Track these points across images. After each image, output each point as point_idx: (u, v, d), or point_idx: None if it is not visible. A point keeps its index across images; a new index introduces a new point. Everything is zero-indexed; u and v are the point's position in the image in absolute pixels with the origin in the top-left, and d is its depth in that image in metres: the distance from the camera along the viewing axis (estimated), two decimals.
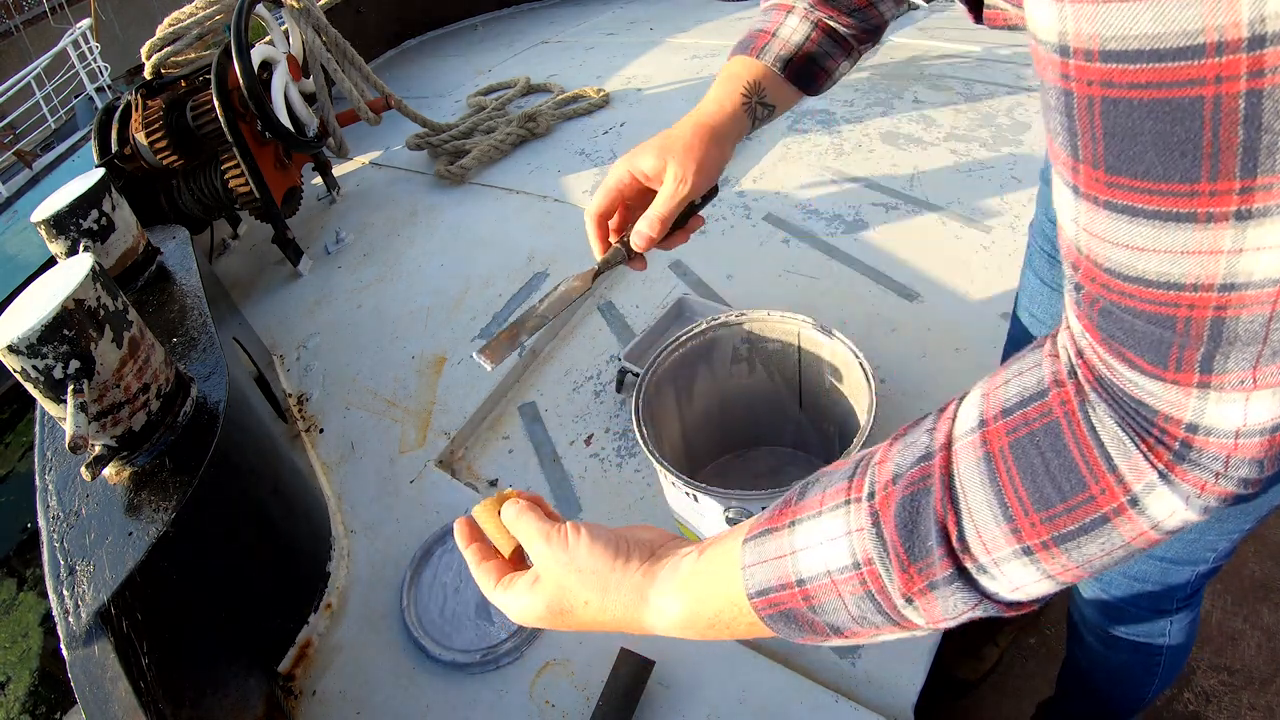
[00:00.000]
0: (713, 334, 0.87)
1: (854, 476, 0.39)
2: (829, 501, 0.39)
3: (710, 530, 0.77)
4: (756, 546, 0.42)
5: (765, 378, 0.92)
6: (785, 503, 0.43)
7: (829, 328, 0.81)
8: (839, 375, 0.83)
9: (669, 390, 0.87)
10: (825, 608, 0.39)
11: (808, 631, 0.40)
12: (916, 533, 0.35)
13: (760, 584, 0.41)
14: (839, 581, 0.38)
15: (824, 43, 0.73)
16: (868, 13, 0.74)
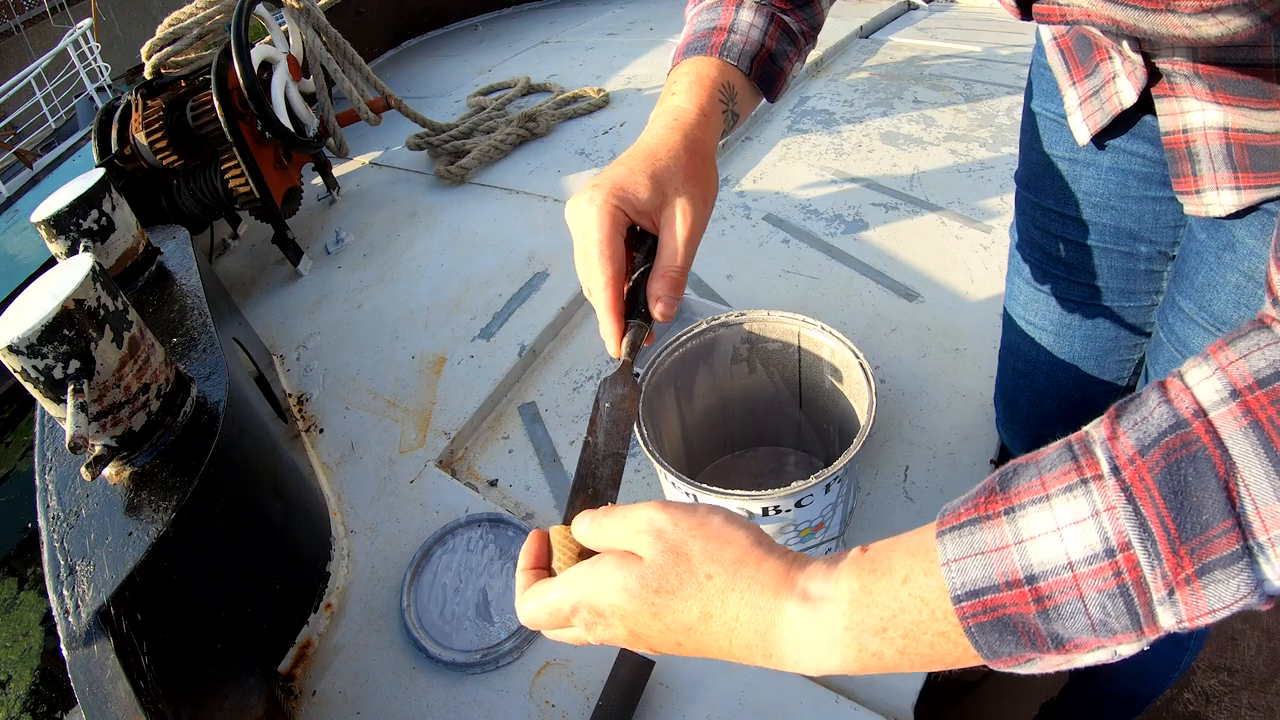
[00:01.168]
0: (713, 334, 0.87)
1: (1077, 458, 0.32)
2: (1055, 485, 0.32)
3: None
4: (961, 538, 0.33)
5: (765, 378, 0.92)
6: (986, 492, 0.34)
7: (829, 328, 0.81)
8: (839, 375, 0.83)
9: (669, 390, 0.87)
10: (1060, 611, 0.32)
11: (1023, 645, 0.32)
12: (1188, 505, 0.30)
13: (972, 582, 0.33)
14: (1083, 575, 0.31)
15: (781, 39, 0.64)
16: (813, 9, 0.68)
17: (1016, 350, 0.92)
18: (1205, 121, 0.59)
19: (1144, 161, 0.72)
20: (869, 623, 0.35)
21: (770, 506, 0.69)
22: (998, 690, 1.42)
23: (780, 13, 0.64)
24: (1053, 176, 0.81)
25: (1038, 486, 0.33)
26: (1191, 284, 0.68)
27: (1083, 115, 0.72)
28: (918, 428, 1.05)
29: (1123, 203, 0.76)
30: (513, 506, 1.06)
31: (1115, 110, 0.68)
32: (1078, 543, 0.31)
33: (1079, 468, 0.32)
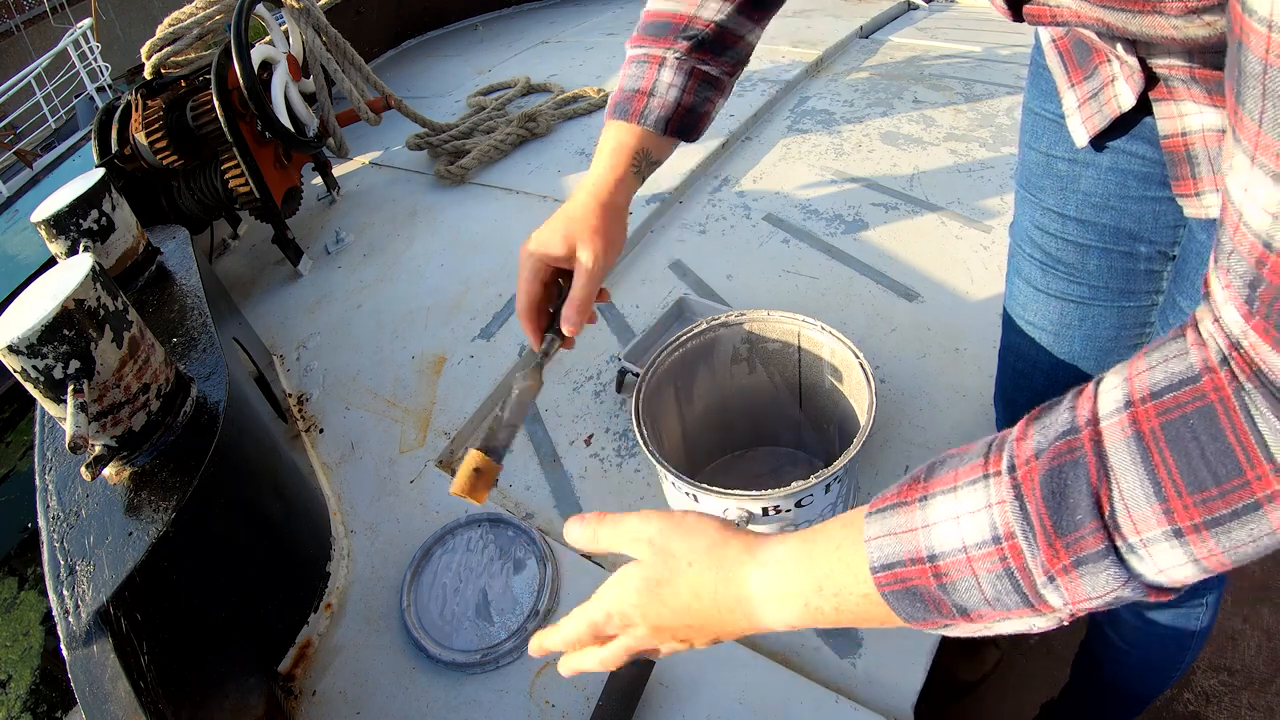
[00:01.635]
0: (713, 334, 0.87)
1: (989, 455, 0.38)
2: (964, 477, 0.38)
3: None
4: (882, 520, 0.40)
5: (765, 378, 0.92)
6: (912, 480, 0.41)
7: (829, 328, 0.81)
8: (839, 375, 0.83)
9: (669, 390, 0.87)
10: (957, 586, 0.37)
11: (931, 612, 0.39)
12: (1065, 505, 0.34)
13: (886, 557, 0.39)
14: (975, 558, 0.36)
15: (700, 90, 0.73)
16: (738, 49, 0.75)
17: (1016, 350, 0.92)
18: (1204, 124, 0.59)
19: (1144, 162, 0.73)
20: (808, 582, 0.42)
21: (770, 506, 0.69)
22: (998, 690, 1.43)
23: (700, 64, 0.73)
24: (1052, 176, 0.81)
25: (950, 478, 0.39)
26: (1191, 284, 0.68)
27: (1081, 118, 0.72)
28: (918, 428, 1.05)
29: (1122, 203, 0.76)
30: (513, 506, 1.06)
31: (1114, 113, 0.68)
32: (972, 529, 0.37)
33: (986, 464, 0.38)
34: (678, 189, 1.62)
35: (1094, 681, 1.13)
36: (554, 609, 0.90)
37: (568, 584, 0.92)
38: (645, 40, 0.73)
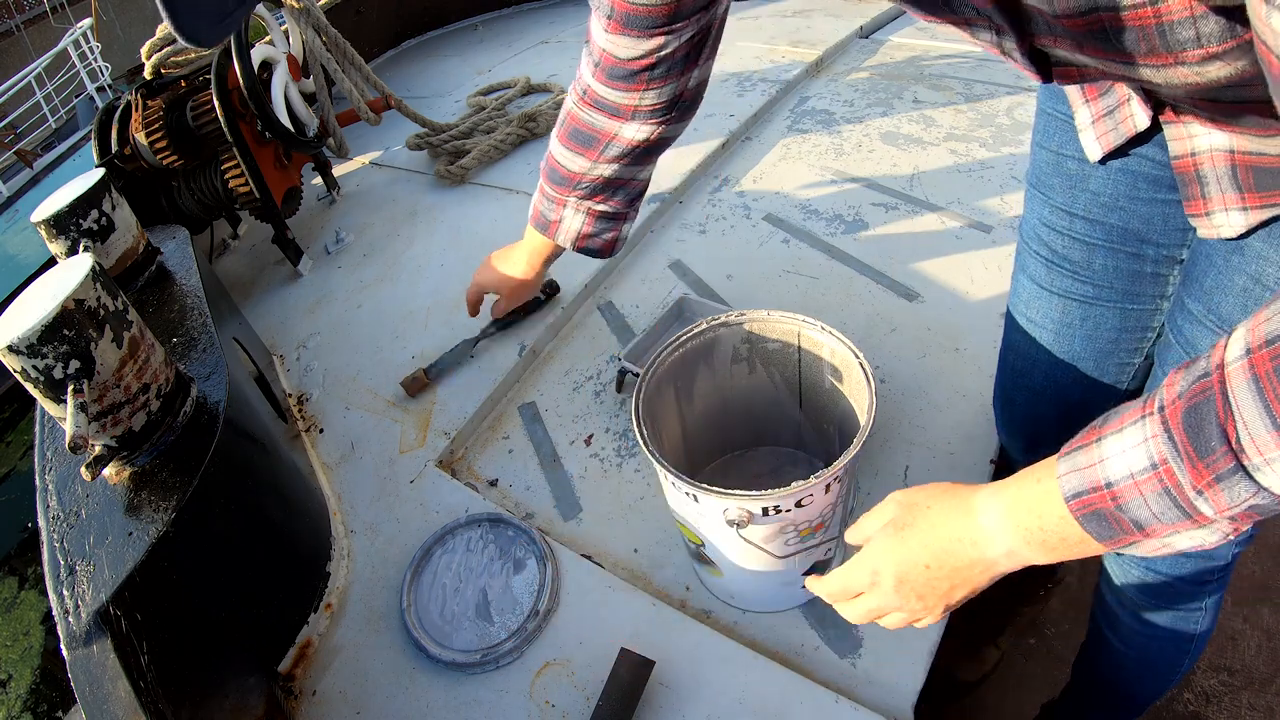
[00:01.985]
0: (713, 334, 0.86)
1: (1145, 400, 0.48)
2: (1127, 420, 0.48)
3: (710, 530, 0.76)
4: (1069, 459, 0.50)
5: (765, 378, 0.92)
6: (1092, 427, 0.51)
7: (829, 328, 0.81)
8: (839, 375, 0.83)
9: (669, 390, 0.87)
10: (1130, 506, 0.47)
11: (1114, 529, 0.48)
12: (1202, 434, 0.43)
13: (1074, 488, 0.49)
14: (1140, 482, 0.46)
15: (598, 224, 0.93)
16: (631, 187, 0.91)
17: (1016, 348, 0.92)
18: (1212, 144, 0.61)
19: (1154, 165, 0.72)
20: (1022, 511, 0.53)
21: (770, 507, 0.69)
22: (998, 690, 1.43)
23: (595, 205, 0.91)
24: (1062, 175, 0.81)
25: (1118, 422, 0.48)
26: (1200, 286, 0.68)
27: (1095, 134, 0.73)
28: (918, 428, 1.05)
29: (1131, 204, 0.76)
30: (513, 506, 1.06)
31: (1130, 132, 0.69)
32: (1135, 459, 0.46)
33: (1144, 407, 0.47)
34: (678, 189, 1.62)
35: (1093, 683, 1.13)
36: (554, 609, 0.90)
37: (568, 584, 0.92)
38: (549, 184, 0.92)
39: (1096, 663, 1.09)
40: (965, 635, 1.42)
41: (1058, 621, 1.51)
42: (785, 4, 2.63)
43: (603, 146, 0.86)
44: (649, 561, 0.96)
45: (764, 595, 0.86)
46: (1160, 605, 0.92)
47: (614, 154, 0.86)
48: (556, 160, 0.90)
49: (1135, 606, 0.95)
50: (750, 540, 0.74)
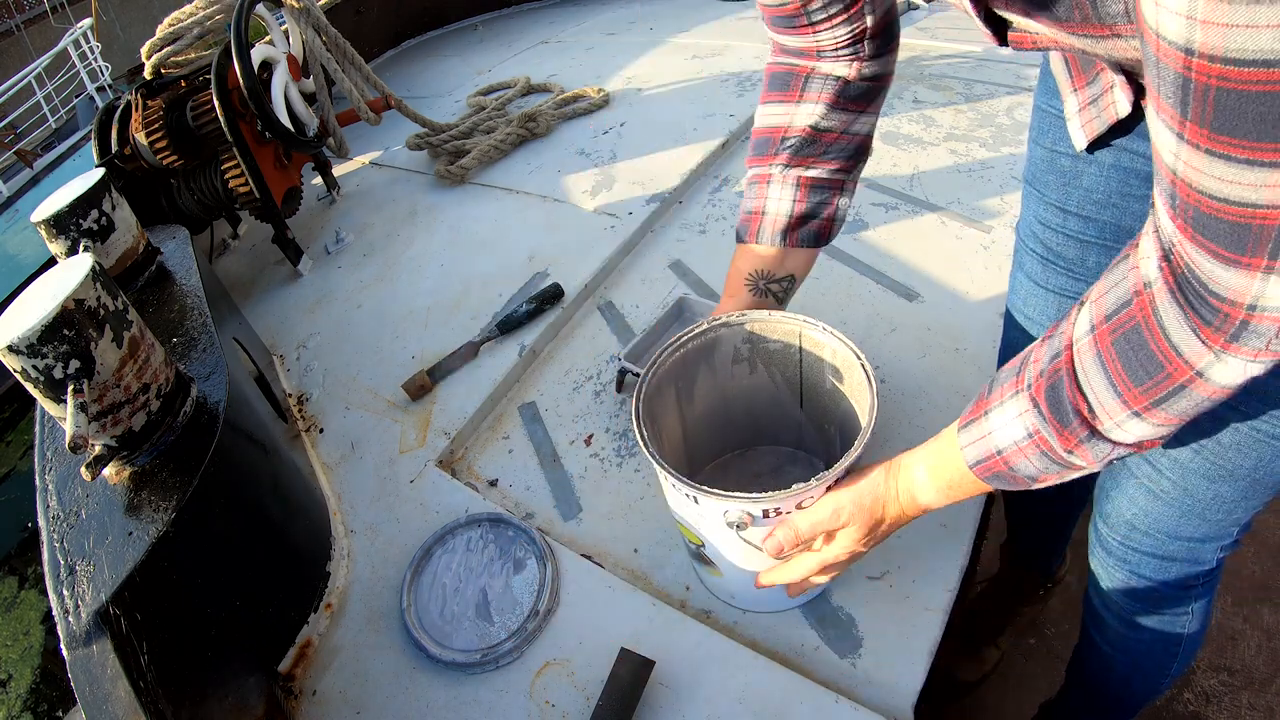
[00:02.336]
0: (714, 334, 0.86)
1: (1019, 373, 0.55)
2: (1005, 394, 0.56)
3: (710, 531, 0.76)
4: (967, 432, 0.60)
5: (766, 378, 0.92)
6: (980, 397, 0.59)
7: (830, 328, 0.80)
8: (840, 376, 0.83)
9: (669, 391, 0.87)
10: (1019, 467, 0.56)
11: (1013, 483, 0.59)
12: (1061, 409, 0.51)
13: (974, 458, 0.59)
14: (1023, 448, 0.55)
15: (813, 196, 0.78)
16: (841, 143, 0.77)
17: (1015, 347, 0.92)
18: None
19: (1146, 161, 0.73)
20: (943, 482, 0.64)
21: (770, 509, 0.69)
22: (998, 690, 1.43)
23: (805, 171, 0.77)
24: (1056, 172, 0.81)
25: (999, 394, 0.56)
26: None
27: (1080, 122, 0.73)
28: (918, 428, 1.05)
29: (1124, 201, 0.76)
30: (513, 506, 1.06)
31: (1112, 119, 0.69)
32: (1015, 430, 0.55)
33: (1016, 381, 0.55)
34: (678, 189, 1.62)
35: (1083, 685, 1.13)
36: (554, 609, 0.90)
37: (568, 584, 0.92)
38: (752, 160, 0.80)
39: (1085, 666, 1.09)
40: (965, 635, 1.42)
41: (1058, 621, 1.51)
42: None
43: (801, 83, 0.76)
44: (649, 561, 0.96)
45: (764, 595, 0.86)
46: (1146, 609, 0.92)
47: (815, 91, 0.75)
48: (758, 127, 0.80)
49: (1121, 610, 0.95)
50: (750, 542, 0.74)
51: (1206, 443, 0.72)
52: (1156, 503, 0.80)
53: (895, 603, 0.86)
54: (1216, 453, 0.72)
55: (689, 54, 2.30)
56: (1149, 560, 0.86)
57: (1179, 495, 0.78)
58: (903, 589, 0.87)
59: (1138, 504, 0.83)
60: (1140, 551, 0.86)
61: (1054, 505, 1.31)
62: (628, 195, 1.61)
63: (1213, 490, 0.75)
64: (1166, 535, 0.82)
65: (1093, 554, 0.95)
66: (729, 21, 2.55)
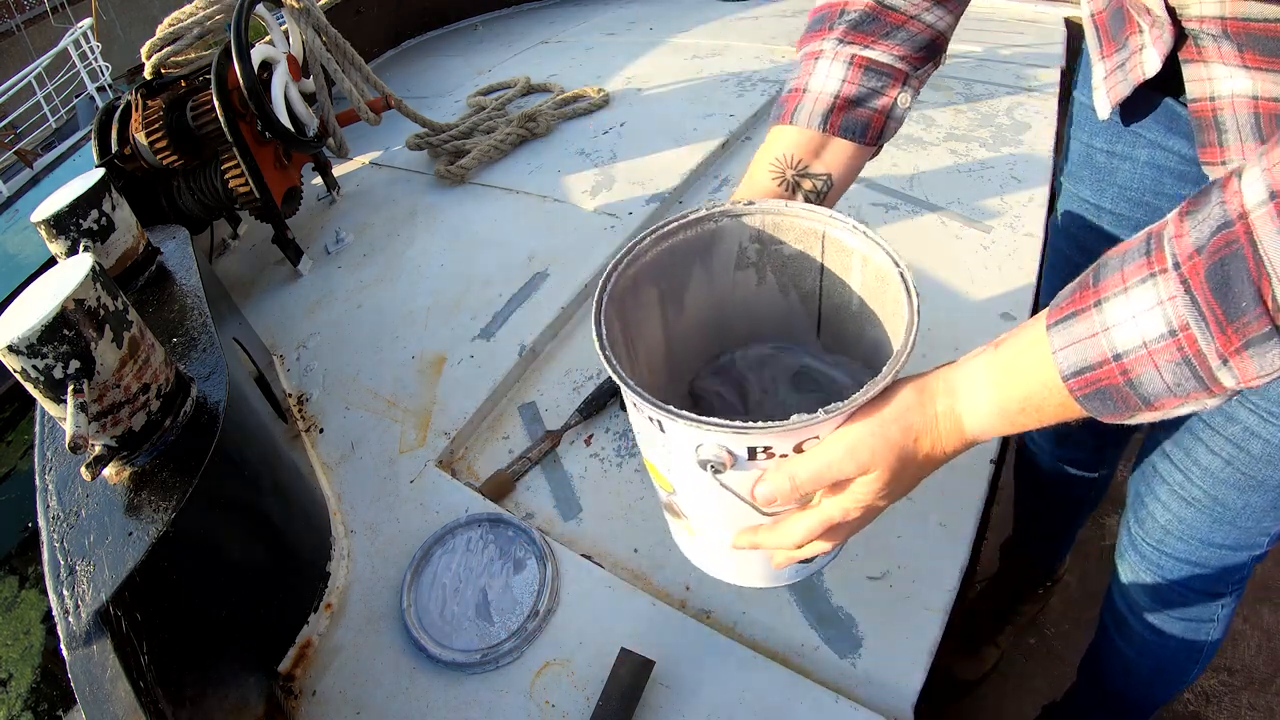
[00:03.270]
0: (714, 225, 0.65)
1: (1150, 253, 0.41)
2: (1132, 276, 0.41)
3: (679, 478, 0.59)
4: (1064, 330, 0.43)
5: (776, 290, 0.71)
6: (1081, 286, 0.43)
7: (863, 228, 0.62)
8: (871, 291, 0.64)
9: (650, 291, 0.66)
10: (1142, 380, 0.41)
11: (1119, 406, 0.42)
12: (1230, 294, 0.37)
13: (1075, 364, 0.43)
14: (1155, 351, 0.40)
15: (866, 79, 0.64)
16: (909, 29, 0.64)
17: None
18: (1234, 89, 0.57)
19: (1180, 159, 0.72)
20: (1012, 405, 0.46)
21: (759, 447, 0.51)
22: (998, 690, 1.43)
23: (862, 49, 0.63)
24: (1091, 168, 0.80)
25: (1119, 280, 0.41)
26: None
27: (1105, 87, 0.70)
28: None
29: (1157, 199, 0.76)
30: (513, 506, 1.06)
31: (1138, 79, 0.65)
32: (1149, 325, 0.40)
33: (1150, 262, 0.40)
34: (677, 189, 1.62)
35: (1100, 687, 1.12)
36: (554, 609, 0.90)
37: (568, 584, 0.92)
38: (804, 39, 0.66)
39: (1104, 667, 1.09)
40: (965, 635, 1.42)
41: (1058, 621, 1.51)
42: (785, 4, 2.63)
43: None
44: (649, 561, 0.96)
45: (747, 565, 0.67)
46: (1173, 615, 0.92)
47: None
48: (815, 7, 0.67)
49: (1147, 615, 0.94)
50: (731, 489, 0.54)
51: (1236, 453, 0.72)
52: (1189, 509, 0.81)
53: (895, 603, 0.86)
54: (1246, 463, 0.72)
55: (689, 54, 2.29)
56: (1181, 565, 0.86)
57: (1210, 503, 0.78)
58: (903, 589, 0.87)
59: (1171, 509, 0.83)
60: (1173, 557, 0.86)
61: (1064, 506, 1.31)
62: (628, 195, 1.61)
63: (1243, 500, 0.75)
64: (1199, 542, 0.82)
65: (1122, 557, 0.95)
66: (729, 21, 2.55)
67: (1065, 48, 2.05)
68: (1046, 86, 1.83)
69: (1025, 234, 1.35)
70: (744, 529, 0.57)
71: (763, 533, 0.56)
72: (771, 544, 0.56)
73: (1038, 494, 1.33)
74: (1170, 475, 0.81)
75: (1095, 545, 1.62)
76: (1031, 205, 1.42)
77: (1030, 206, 1.42)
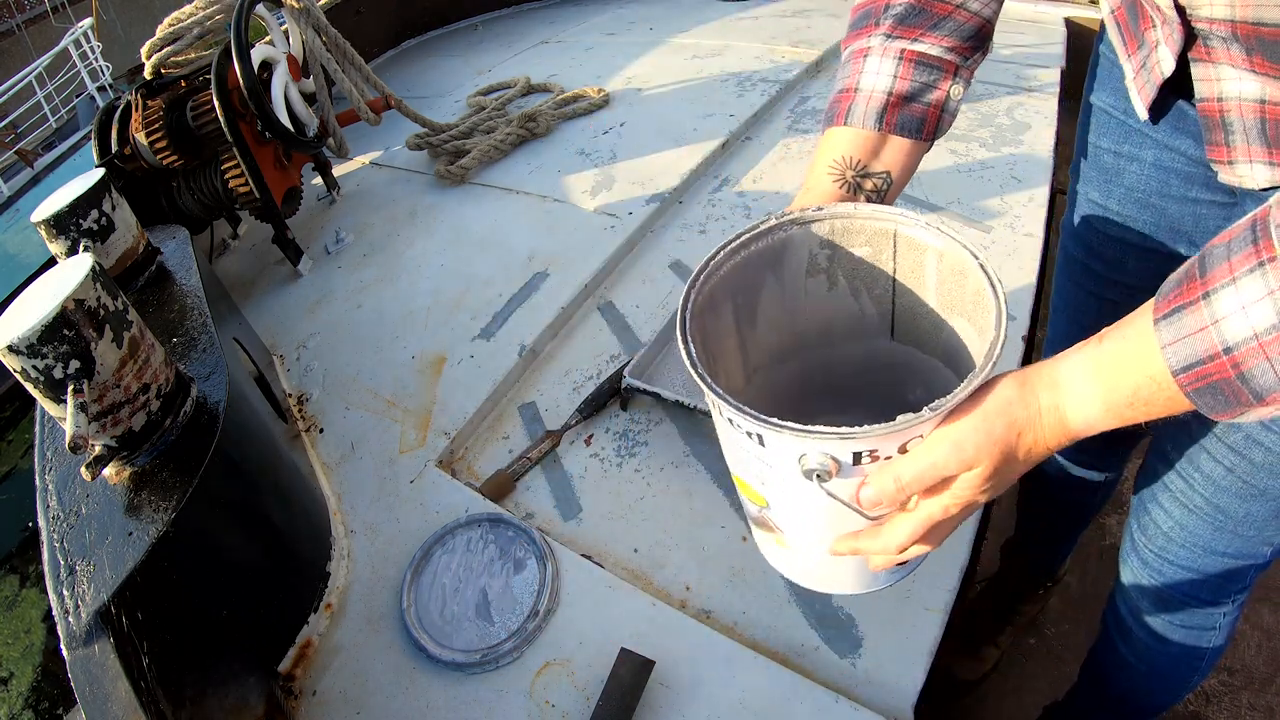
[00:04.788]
0: (783, 234, 0.65)
1: (1258, 240, 0.39)
2: (1240, 267, 0.40)
3: (776, 490, 0.59)
4: (1172, 324, 0.42)
5: (849, 295, 0.71)
6: (1188, 278, 0.43)
7: (937, 224, 0.60)
8: (949, 291, 0.62)
9: (725, 307, 0.67)
10: (1253, 373, 0.40)
11: (1231, 402, 0.41)
12: None
13: (1185, 359, 0.42)
14: (1266, 343, 0.39)
15: (918, 74, 0.63)
16: (956, 19, 0.63)
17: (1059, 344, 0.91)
18: (1241, 92, 0.57)
19: (1187, 160, 0.72)
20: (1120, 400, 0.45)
21: (864, 450, 0.51)
22: (998, 690, 1.43)
23: (910, 44, 0.63)
24: (1098, 169, 0.80)
25: (1226, 270, 0.40)
26: None
27: (1136, 88, 0.69)
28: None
29: (1163, 201, 0.75)
30: (513, 506, 1.06)
31: (1158, 80, 0.64)
32: (1259, 316, 0.38)
33: (1258, 250, 0.39)
34: (678, 189, 1.62)
35: (1101, 692, 1.12)
36: (554, 609, 0.90)
37: (568, 584, 0.92)
38: (850, 37, 0.66)
39: (1106, 671, 1.08)
40: (965, 635, 1.42)
41: (1058, 621, 1.51)
42: (785, 4, 2.63)
43: None
44: (649, 561, 0.96)
45: (848, 573, 0.67)
46: (1175, 622, 0.92)
47: None
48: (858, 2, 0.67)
49: (1148, 620, 0.94)
50: (837, 496, 0.54)
51: (1238, 461, 0.72)
52: (1191, 516, 0.80)
53: (895, 603, 0.86)
54: (1248, 471, 0.71)
55: (689, 54, 2.29)
56: (1182, 572, 0.86)
57: (1211, 511, 0.77)
58: (903, 589, 0.87)
59: (1173, 516, 0.83)
60: (1175, 563, 0.86)
61: (1069, 510, 1.31)
62: (628, 195, 1.61)
63: (1244, 508, 0.75)
64: (1201, 549, 0.82)
65: (1125, 561, 0.94)
66: (729, 21, 2.55)
67: (1065, 48, 2.05)
68: (1046, 86, 1.83)
69: (1025, 234, 1.35)
70: (844, 535, 0.57)
71: (864, 538, 0.55)
72: (875, 549, 0.55)
73: (1042, 498, 1.32)
74: (1173, 482, 0.81)
75: (1096, 545, 1.62)
76: (1031, 205, 1.42)
77: (1030, 206, 1.42)
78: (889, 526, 0.54)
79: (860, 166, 0.65)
